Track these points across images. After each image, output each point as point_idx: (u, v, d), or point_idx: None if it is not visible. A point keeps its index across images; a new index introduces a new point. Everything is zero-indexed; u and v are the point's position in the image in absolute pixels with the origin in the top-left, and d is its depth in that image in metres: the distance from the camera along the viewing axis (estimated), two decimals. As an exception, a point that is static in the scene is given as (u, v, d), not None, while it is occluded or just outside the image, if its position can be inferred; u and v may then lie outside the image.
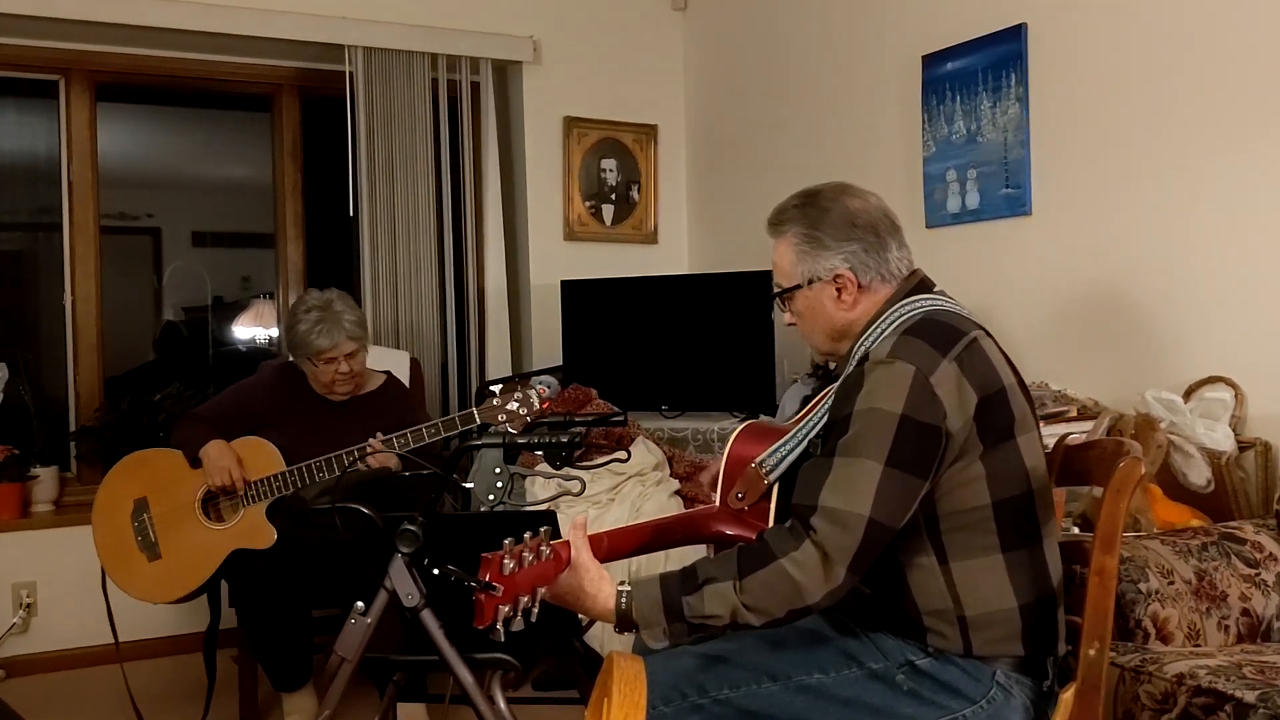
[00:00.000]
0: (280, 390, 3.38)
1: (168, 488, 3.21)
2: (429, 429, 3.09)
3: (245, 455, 3.19)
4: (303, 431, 3.26)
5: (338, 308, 3.25)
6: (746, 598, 1.57)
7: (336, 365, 3.25)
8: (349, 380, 3.31)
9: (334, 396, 3.35)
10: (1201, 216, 2.94)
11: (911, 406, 1.60)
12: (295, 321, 3.26)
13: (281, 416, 3.31)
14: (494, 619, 1.52)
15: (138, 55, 4.30)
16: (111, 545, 3.20)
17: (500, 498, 3.53)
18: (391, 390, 3.50)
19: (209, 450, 3.17)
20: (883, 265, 1.79)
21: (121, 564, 3.18)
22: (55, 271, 4.32)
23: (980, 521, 1.66)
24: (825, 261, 1.80)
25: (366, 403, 3.40)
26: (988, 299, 3.43)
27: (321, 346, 3.22)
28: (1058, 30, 3.31)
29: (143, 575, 3.17)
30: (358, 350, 3.29)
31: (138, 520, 3.19)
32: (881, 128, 3.98)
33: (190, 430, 3.27)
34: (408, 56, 4.42)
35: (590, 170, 4.90)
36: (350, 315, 3.26)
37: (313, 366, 3.28)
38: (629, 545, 1.85)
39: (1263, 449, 2.75)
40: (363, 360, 3.34)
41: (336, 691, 2.23)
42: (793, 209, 1.86)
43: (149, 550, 3.18)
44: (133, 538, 3.19)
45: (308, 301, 3.30)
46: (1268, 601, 2.35)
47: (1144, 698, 2.05)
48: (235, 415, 3.30)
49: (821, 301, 1.82)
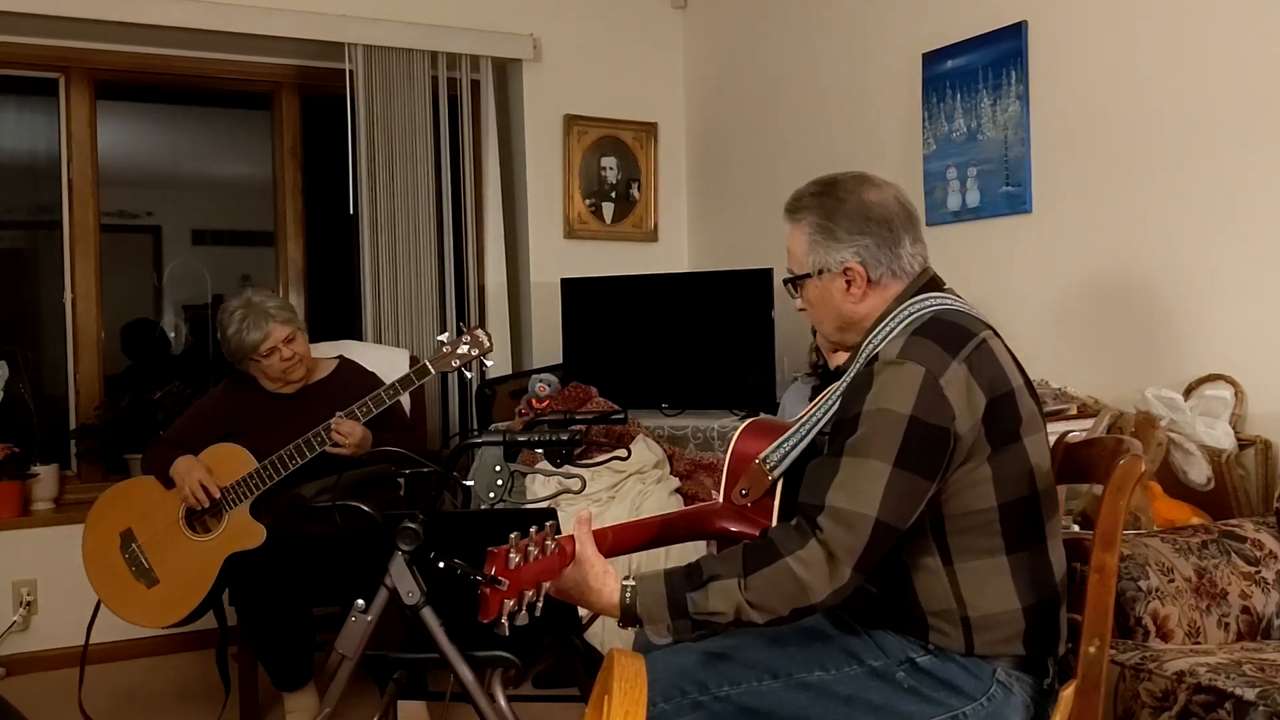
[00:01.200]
0: (234, 399, 3.41)
1: (149, 514, 3.22)
2: (386, 392, 3.13)
3: (214, 462, 3.21)
4: (267, 431, 3.27)
5: (257, 300, 3.30)
6: (751, 595, 1.57)
7: (279, 352, 3.28)
8: (298, 364, 3.33)
9: (290, 388, 3.37)
10: (1201, 214, 2.94)
11: (920, 408, 1.59)
12: (225, 328, 3.31)
13: (242, 423, 3.33)
14: (499, 613, 1.52)
15: (138, 53, 4.29)
16: (109, 583, 3.20)
17: (500, 495, 3.53)
18: (345, 371, 3.52)
19: (178, 467, 3.18)
20: (894, 261, 1.78)
21: (123, 598, 3.19)
22: (55, 269, 4.32)
23: (985, 524, 1.66)
24: (836, 254, 1.79)
25: (322, 388, 3.42)
26: (988, 297, 3.42)
27: (256, 340, 3.25)
28: (1058, 28, 3.31)
29: (146, 603, 3.18)
30: (294, 334, 3.31)
31: (128, 552, 3.20)
32: (882, 125, 3.98)
33: (156, 454, 3.29)
34: (408, 54, 4.42)
35: (590, 168, 4.90)
36: (272, 302, 3.31)
37: (258, 364, 3.31)
38: (633, 541, 1.85)
39: (1263, 447, 2.75)
40: (304, 343, 3.37)
41: (337, 689, 2.23)
42: (810, 196, 1.83)
43: (145, 578, 3.19)
44: (127, 570, 3.20)
45: (229, 306, 3.35)
46: (1268, 599, 2.35)
47: (1144, 695, 2.05)
48: (200, 431, 3.32)
49: (830, 293, 1.81)
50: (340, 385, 3.42)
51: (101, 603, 3.22)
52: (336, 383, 3.44)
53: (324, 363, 3.51)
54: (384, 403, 3.13)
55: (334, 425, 3.14)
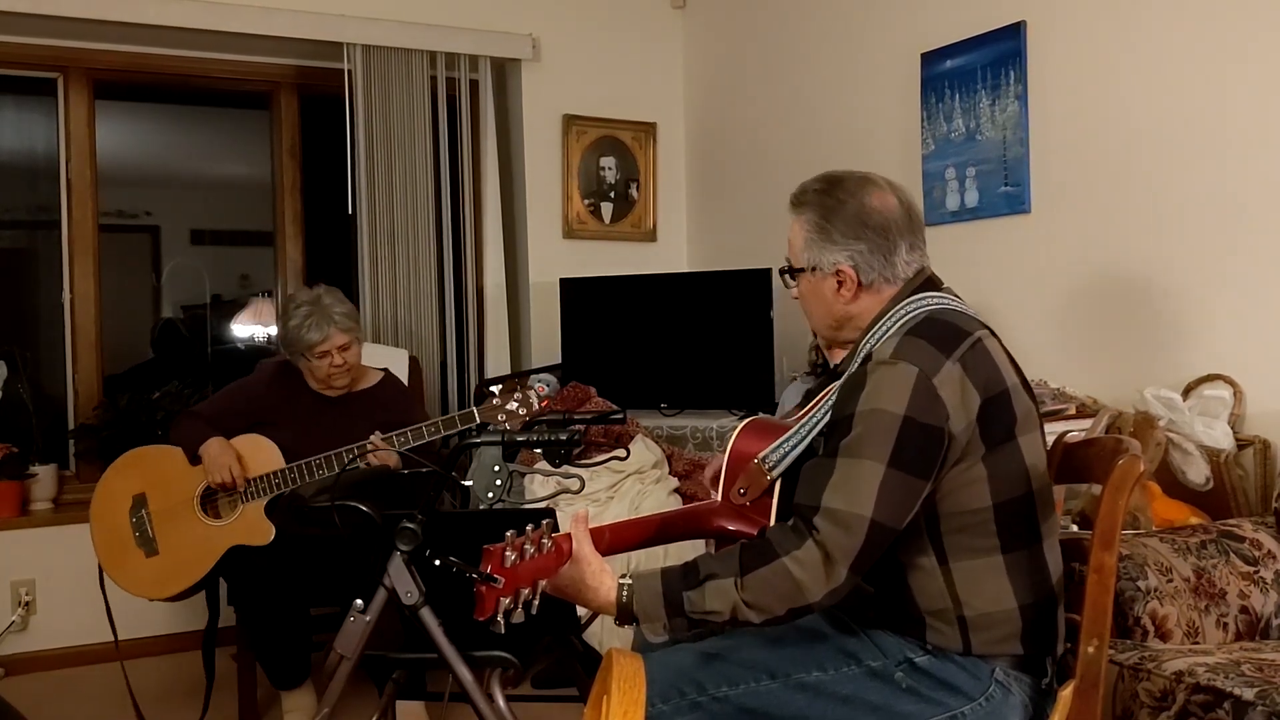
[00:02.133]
0: (277, 389, 3.38)
1: (166, 484, 3.21)
2: (428, 428, 3.09)
3: (245, 452, 3.19)
4: (301, 429, 3.27)
5: (326, 301, 3.28)
6: (747, 595, 1.58)
7: (331, 358, 3.27)
8: (345, 373, 3.32)
9: (331, 391, 3.36)
10: (1200, 215, 2.94)
11: (914, 408, 1.59)
12: (287, 319, 3.29)
13: (279, 414, 3.32)
14: (494, 611, 1.52)
15: (136, 53, 4.29)
16: (109, 541, 3.20)
17: (499, 495, 3.54)
18: (389, 386, 3.50)
19: (209, 447, 3.17)
20: (887, 268, 1.78)
21: (119, 560, 3.18)
22: (54, 269, 4.32)
23: (981, 523, 1.66)
24: (829, 255, 1.79)
25: (364, 399, 3.41)
26: (986, 297, 3.43)
27: (314, 340, 3.23)
28: (1057, 28, 3.31)
29: (140, 571, 3.17)
30: (350, 342, 3.30)
31: (135, 516, 3.19)
32: (880, 125, 3.98)
33: (189, 428, 3.28)
34: (407, 54, 4.42)
35: (589, 168, 4.90)
36: (340, 308, 3.29)
37: (308, 362, 3.29)
38: (631, 539, 1.85)
39: (1261, 447, 2.75)
40: (357, 353, 3.35)
41: (335, 689, 2.23)
42: (813, 193, 1.83)
43: (146, 546, 3.18)
44: (130, 534, 3.19)
45: (298, 298, 3.33)
46: (1266, 599, 2.35)
47: (1143, 695, 2.05)
48: (234, 414, 3.31)
49: (821, 290, 1.82)
50: (382, 400, 3.42)
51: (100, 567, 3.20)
52: (379, 396, 3.43)
53: (370, 373, 3.49)
54: (423, 438, 3.09)
55: (371, 445, 3.10)
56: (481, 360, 4.66)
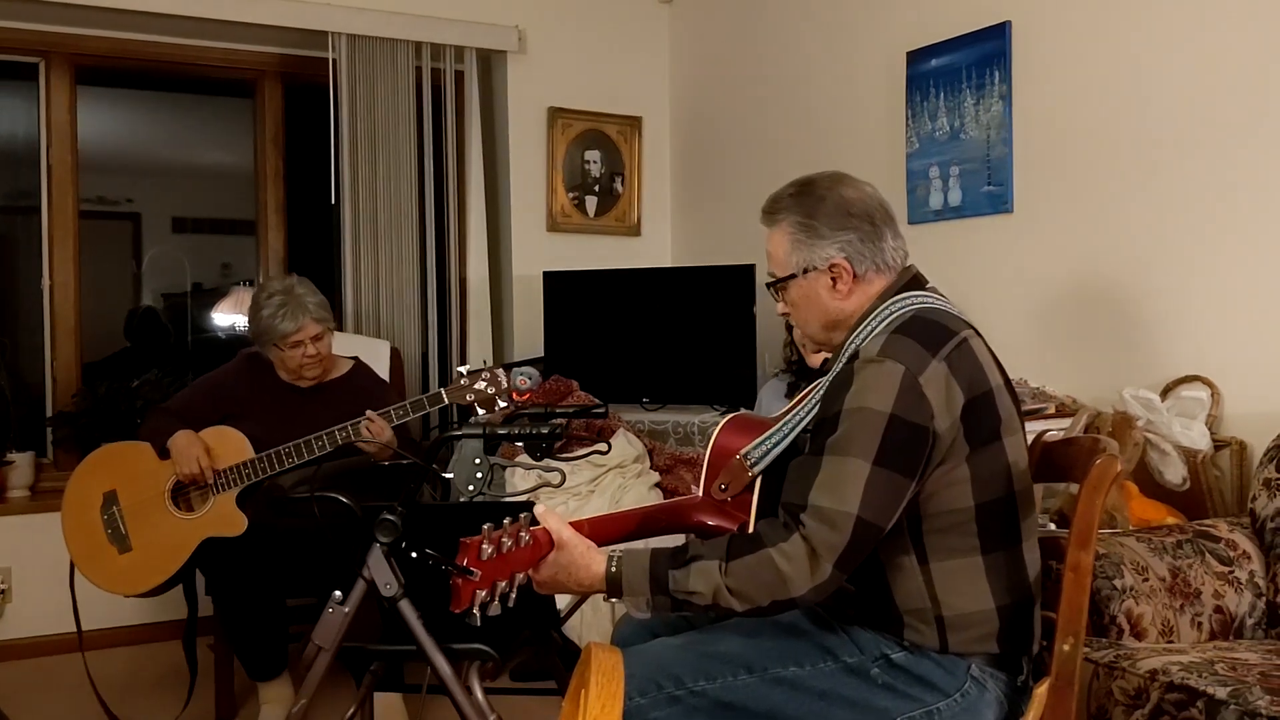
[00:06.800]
0: (247, 380, 3.37)
1: (137, 480, 3.19)
2: (397, 410, 3.09)
3: (213, 444, 3.17)
4: (272, 419, 3.25)
5: (299, 291, 3.26)
6: (731, 580, 1.58)
7: (303, 349, 3.25)
8: (316, 364, 3.30)
9: (303, 382, 3.35)
10: (1181, 216, 2.96)
11: (900, 406, 1.60)
12: (258, 309, 3.26)
13: (250, 406, 3.30)
14: (470, 604, 1.52)
15: (119, 39, 4.26)
16: (82, 539, 3.17)
17: (480, 488, 3.53)
18: (360, 375, 3.50)
19: (176, 440, 3.15)
20: (878, 255, 1.78)
21: (92, 558, 3.16)
22: (33, 256, 4.29)
23: (962, 524, 1.67)
24: (821, 251, 1.79)
25: (335, 388, 3.39)
26: (968, 296, 3.44)
27: (286, 330, 3.21)
28: (1041, 29, 3.32)
29: (114, 568, 3.15)
30: (323, 333, 3.29)
31: (107, 513, 3.17)
32: (865, 123, 3.98)
33: (158, 422, 3.26)
34: (391, 44, 4.40)
35: (574, 161, 4.89)
36: (313, 298, 3.27)
37: (280, 352, 3.27)
38: (611, 533, 1.85)
39: (1238, 448, 2.77)
40: (329, 343, 3.34)
41: (313, 681, 2.23)
42: (788, 198, 1.83)
43: (119, 543, 3.16)
44: (103, 531, 3.16)
45: (269, 288, 3.30)
46: (1240, 599, 2.37)
47: (1117, 693, 2.07)
48: (203, 406, 3.29)
49: (816, 291, 1.81)
50: (353, 389, 3.40)
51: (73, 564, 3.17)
52: (350, 385, 3.42)
53: (341, 361, 3.48)
54: (391, 421, 3.09)
55: (367, 420, 3.08)
56: (463, 352, 4.65)
